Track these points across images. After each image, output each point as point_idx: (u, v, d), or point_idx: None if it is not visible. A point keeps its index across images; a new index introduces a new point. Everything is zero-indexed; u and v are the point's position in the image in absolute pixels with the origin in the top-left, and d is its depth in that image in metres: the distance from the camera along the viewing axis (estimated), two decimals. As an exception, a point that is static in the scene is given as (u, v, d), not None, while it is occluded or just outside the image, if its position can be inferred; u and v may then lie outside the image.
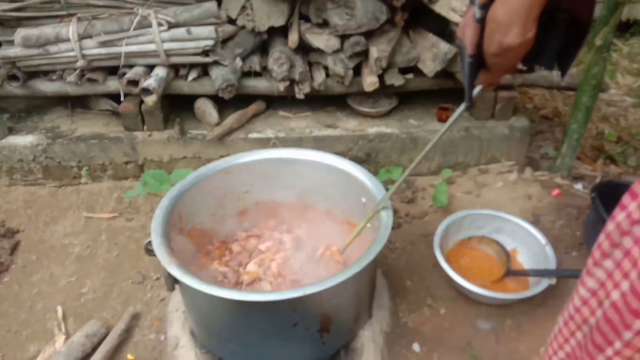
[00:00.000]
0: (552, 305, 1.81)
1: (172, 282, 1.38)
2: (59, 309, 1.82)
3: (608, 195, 1.91)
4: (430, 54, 2.18)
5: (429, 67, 2.17)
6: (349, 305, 1.46)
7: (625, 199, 0.82)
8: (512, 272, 1.86)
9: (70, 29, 2.17)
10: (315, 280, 1.26)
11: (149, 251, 1.45)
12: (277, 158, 1.82)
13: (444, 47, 2.15)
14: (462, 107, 1.20)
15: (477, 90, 1.15)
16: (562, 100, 3.48)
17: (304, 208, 1.87)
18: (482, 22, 0.99)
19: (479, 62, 1.07)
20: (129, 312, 1.78)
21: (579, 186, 2.46)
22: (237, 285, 1.66)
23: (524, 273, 1.85)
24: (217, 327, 1.45)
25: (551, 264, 1.80)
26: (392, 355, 1.65)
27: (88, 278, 1.96)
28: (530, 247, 1.93)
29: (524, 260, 1.95)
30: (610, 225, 0.85)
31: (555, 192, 2.33)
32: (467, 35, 1.04)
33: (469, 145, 2.42)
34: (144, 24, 2.16)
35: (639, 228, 0.80)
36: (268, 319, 1.33)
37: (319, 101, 2.50)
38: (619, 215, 0.83)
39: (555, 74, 2.44)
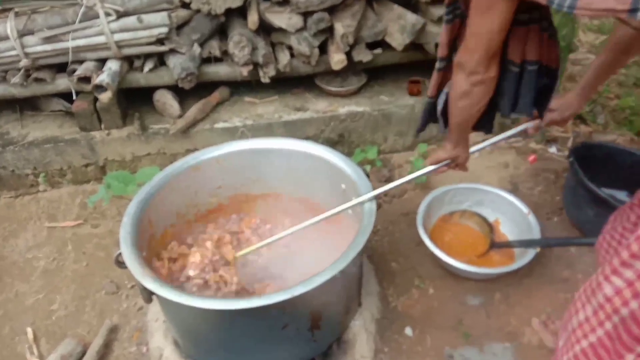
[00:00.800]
0: (539, 275, 1.80)
1: (149, 294, 1.29)
2: (29, 330, 1.71)
3: (585, 158, 1.90)
4: (398, 26, 2.10)
5: (398, 40, 2.09)
6: (338, 299, 1.40)
7: None
8: (496, 245, 1.84)
9: (8, 26, 1.98)
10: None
11: (120, 263, 1.36)
12: (249, 149, 1.73)
13: (411, 18, 2.07)
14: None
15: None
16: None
17: (281, 199, 1.79)
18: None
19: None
20: (105, 326, 1.68)
21: (553, 149, 2.45)
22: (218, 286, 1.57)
23: (508, 245, 1.83)
24: (202, 337, 1.37)
25: (535, 232, 1.79)
26: (385, 341, 1.62)
27: (57, 293, 1.84)
28: (513, 217, 1.91)
29: (507, 230, 1.93)
30: None
31: (531, 157, 2.31)
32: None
33: (442, 117, 2.37)
34: (90, 15, 1.99)
35: None
36: (256, 325, 1.26)
37: (286, 84, 2.40)
38: None
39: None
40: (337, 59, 2.13)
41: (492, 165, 2.30)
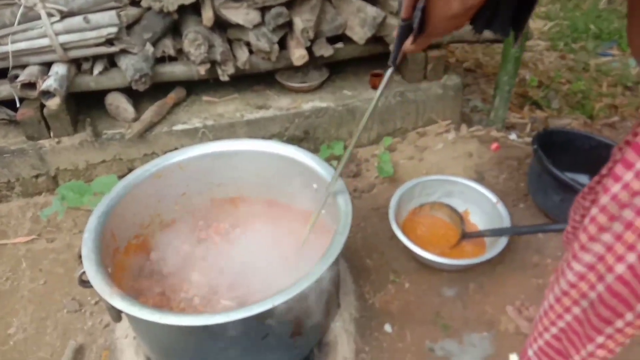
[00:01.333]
0: (510, 261, 1.83)
1: (117, 313, 1.21)
2: (-16, 359, 1.59)
3: (546, 144, 1.94)
4: (358, 19, 2.07)
5: (359, 33, 2.06)
6: (319, 303, 1.35)
7: (619, 169, 0.77)
8: (468, 235, 1.85)
9: (-62, 30, 1.82)
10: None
11: (84, 282, 1.26)
12: (212, 152, 1.66)
13: (371, 11, 2.05)
14: (390, 71, 1.14)
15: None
16: (482, 51, 3.53)
17: (249, 202, 1.74)
18: None
19: (411, 26, 1.00)
20: (70, 347, 1.58)
21: (513, 136, 2.50)
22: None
23: (480, 234, 1.84)
24: (178, 355, 1.30)
25: (505, 221, 1.81)
26: (365, 340, 1.60)
27: (14, 316, 1.72)
28: (482, 207, 1.93)
29: (477, 220, 1.95)
30: (604, 199, 0.80)
31: (494, 145, 2.35)
32: None
33: (405, 109, 2.37)
34: (31, 16, 1.85)
35: None
36: (235, 338, 1.20)
37: (245, 81, 2.33)
38: (614, 186, 0.78)
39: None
40: (298, 55, 2.08)
41: (457, 156, 2.32)
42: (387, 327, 1.64)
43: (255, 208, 1.74)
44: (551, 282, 1.03)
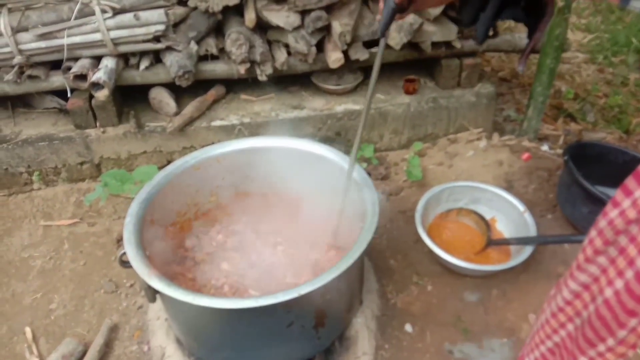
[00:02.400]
0: (535, 271, 1.84)
1: (153, 293, 1.29)
2: (28, 330, 1.69)
3: (578, 156, 1.94)
4: (395, 25, 2.11)
5: (395, 39, 2.11)
6: (342, 297, 1.41)
7: (619, 195, 0.80)
8: (493, 242, 1.87)
9: (2, 22, 1.95)
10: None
11: (124, 263, 1.35)
12: (248, 148, 1.73)
13: (408, 17, 2.08)
14: (382, 42, 1.22)
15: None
16: (519, 62, 3.51)
17: (281, 198, 1.80)
18: None
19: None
20: (106, 325, 1.67)
21: (545, 147, 2.49)
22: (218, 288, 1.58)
23: (505, 242, 1.86)
24: (206, 335, 1.37)
25: (531, 230, 1.82)
26: (386, 338, 1.64)
27: (55, 292, 1.83)
28: (509, 215, 1.94)
29: (503, 228, 1.96)
30: (602, 222, 0.82)
31: (525, 155, 2.35)
32: None
33: (437, 115, 2.40)
34: (86, 12, 1.97)
35: (635, 227, 0.78)
36: (262, 324, 1.27)
37: (282, 81, 2.40)
38: (612, 212, 0.80)
39: (517, 37, 2.42)
40: (334, 58, 2.14)
41: (487, 164, 2.33)
42: (408, 327, 1.68)
43: (286, 204, 1.80)
44: (550, 296, 1.05)
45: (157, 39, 2.08)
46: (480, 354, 1.61)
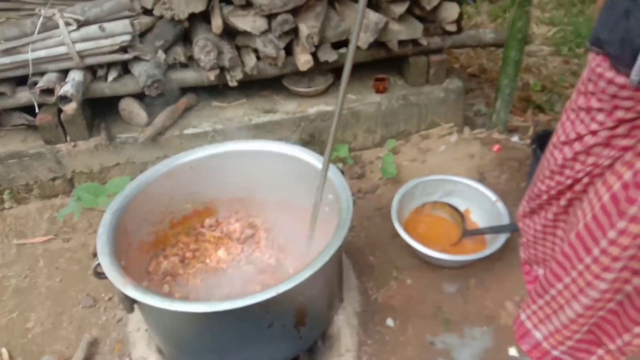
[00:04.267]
0: (510, 258, 1.87)
1: (130, 303, 1.28)
2: (4, 350, 1.66)
3: (546, 145, 1.98)
4: (361, 25, 2.14)
5: (362, 39, 2.13)
6: (321, 295, 1.42)
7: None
8: (469, 233, 1.90)
9: (-37, 40, 1.92)
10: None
11: (99, 274, 1.34)
12: (221, 152, 1.73)
13: (373, 16, 2.12)
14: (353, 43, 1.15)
15: None
16: (486, 57, 3.58)
17: (257, 202, 1.80)
18: None
19: None
20: (85, 340, 1.65)
21: (515, 138, 2.54)
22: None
23: (480, 232, 1.89)
24: (187, 342, 1.37)
25: (504, 219, 1.86)
26: (368, 334, 1.65)
27: (32, 311, 1.80)
28: (482, 205, 1.98)
29: (477, 218, 2.00)
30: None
31: (496, 147, 2.40)
32: None
33: (408, 113, 2.43)
34: (50, 26, 1.95)
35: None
36: (242, 325, 1.27)
37: (253, 86, 2.41)
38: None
39: (481, 32, 2.48)
40: (303, 60, 2.15)
41: (459, 157, 2.37)
42: (389, 322, 1.69)
43: (262, 207, 1.81)
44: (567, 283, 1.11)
45: (124, 49, 2.06)
46: (462, 344, 1.63)
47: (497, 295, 1.76)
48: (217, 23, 2.12)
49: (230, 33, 2.22)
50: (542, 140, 2.00)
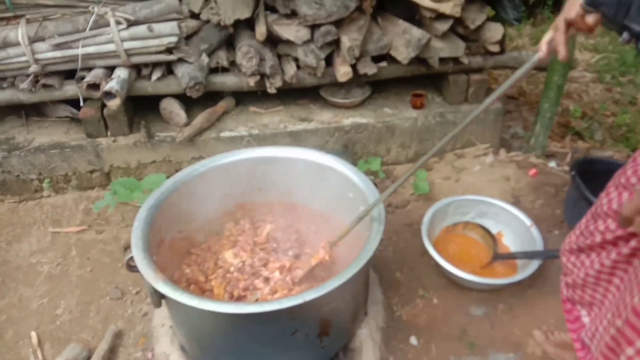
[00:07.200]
0: (541, 285, 1.82)
1: (159, 298, 1.30)
2: (33, 334, 1.70)
3: (585, 172, 1.94)
4: (403, 40, 2.14)
5: (403, 54, 2.13)
6: (347, 306, 1.41)
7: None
8: (500, 256, 1.86)
9: (19, 32, 2.01)
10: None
11: (131, 267, 1.36)
12: (256, 157, 1.75)
13: (416, 32, 2.12)
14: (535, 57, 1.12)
15: None
16: (526, 79, 3.53)
17: (287, 207, 1.81)
18: None
19: None
20: (110, 331, 1.68)
21: (552, 164, 2.49)
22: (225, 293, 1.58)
23: (512, 256, 1.85)
24: (210, 342, 1.37)
25: (538, 245, 1.81)
26: (390, 350, 1.63)
27: (62, 298, 1.84)
28: (515, 229, 1.94)
29: (509, 242, 1.96)
30: None
31: (532, 171, 2.35)
32: None
33: (444, 130, 2.41)
34: (101, 24, 2.02)
35: None
36: (266, 330, 1.27)
37: (291, 94, 2.43)
38: None
39: (524, 54, 2.45)
40: (343, 71, 2.17)
41: (493, 179, 2.34)
42: (413, 340, 1.67)
43: (292, 212, 1.81)
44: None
45: (169, 50, 2.12)
46: (486, 369, 1.59)
47: (526, 322, 1.71)
48: (261, 30, 2.16)
49: (272, 41, 2.25)
50: (581, 167, 1.96)
